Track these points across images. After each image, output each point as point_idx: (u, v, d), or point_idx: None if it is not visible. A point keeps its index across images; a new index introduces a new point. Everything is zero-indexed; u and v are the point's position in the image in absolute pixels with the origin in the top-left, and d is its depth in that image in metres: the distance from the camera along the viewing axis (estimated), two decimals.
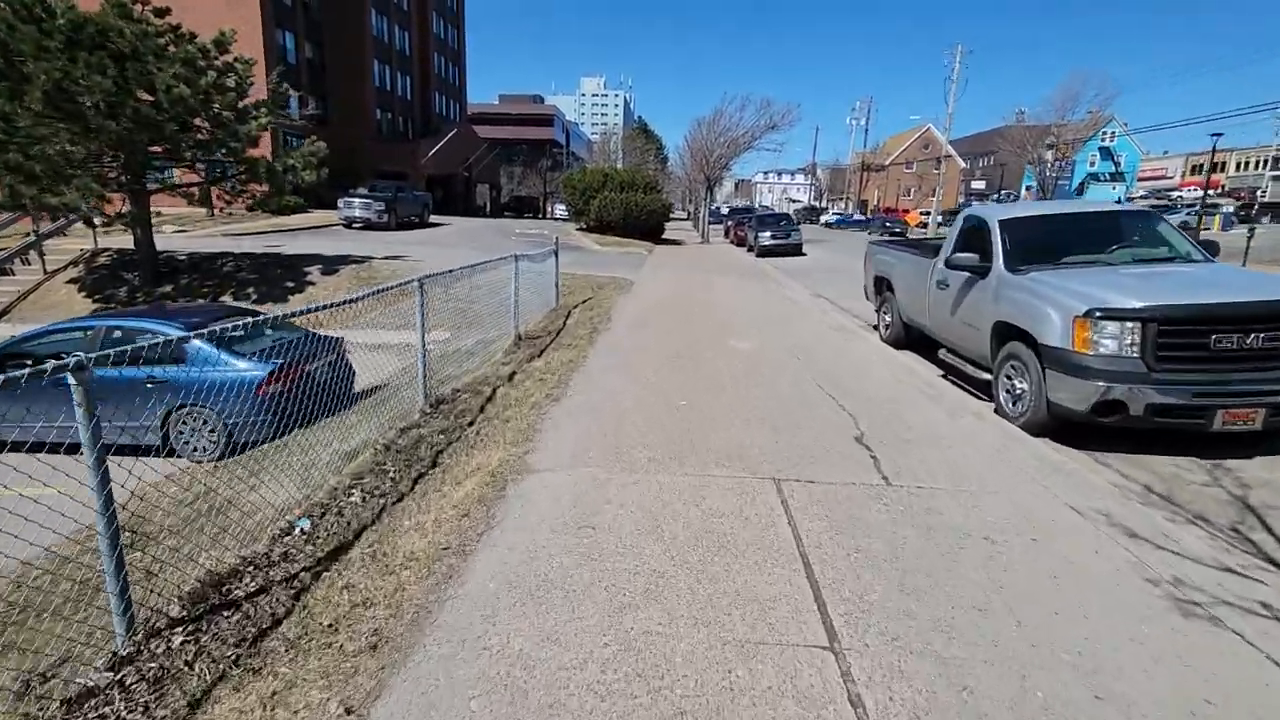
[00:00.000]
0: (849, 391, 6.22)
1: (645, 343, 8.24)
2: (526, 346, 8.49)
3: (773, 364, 7.26)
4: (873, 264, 9.67)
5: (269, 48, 31.99)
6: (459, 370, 8.08)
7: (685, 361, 7.26)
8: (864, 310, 12.30)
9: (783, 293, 14.08)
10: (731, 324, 9.80)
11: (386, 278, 14.37)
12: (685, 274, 17.23)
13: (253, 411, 6.68)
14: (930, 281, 7.49)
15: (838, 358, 7.76)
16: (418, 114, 47.11)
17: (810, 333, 9.36)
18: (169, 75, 11.58)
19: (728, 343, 8.35)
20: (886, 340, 9.03)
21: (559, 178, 34.31)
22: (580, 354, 7.55)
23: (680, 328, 9.34)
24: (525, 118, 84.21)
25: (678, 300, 12.23)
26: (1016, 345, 5.63)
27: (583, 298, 12.59)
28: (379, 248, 19.69)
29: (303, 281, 13.97)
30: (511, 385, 6.37)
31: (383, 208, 26.70)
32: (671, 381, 6.38)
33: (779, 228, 26.00)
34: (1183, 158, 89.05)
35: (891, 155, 72.42)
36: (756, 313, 11.03)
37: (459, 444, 4.88)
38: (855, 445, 4.78)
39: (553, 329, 9.61)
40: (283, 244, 20.07)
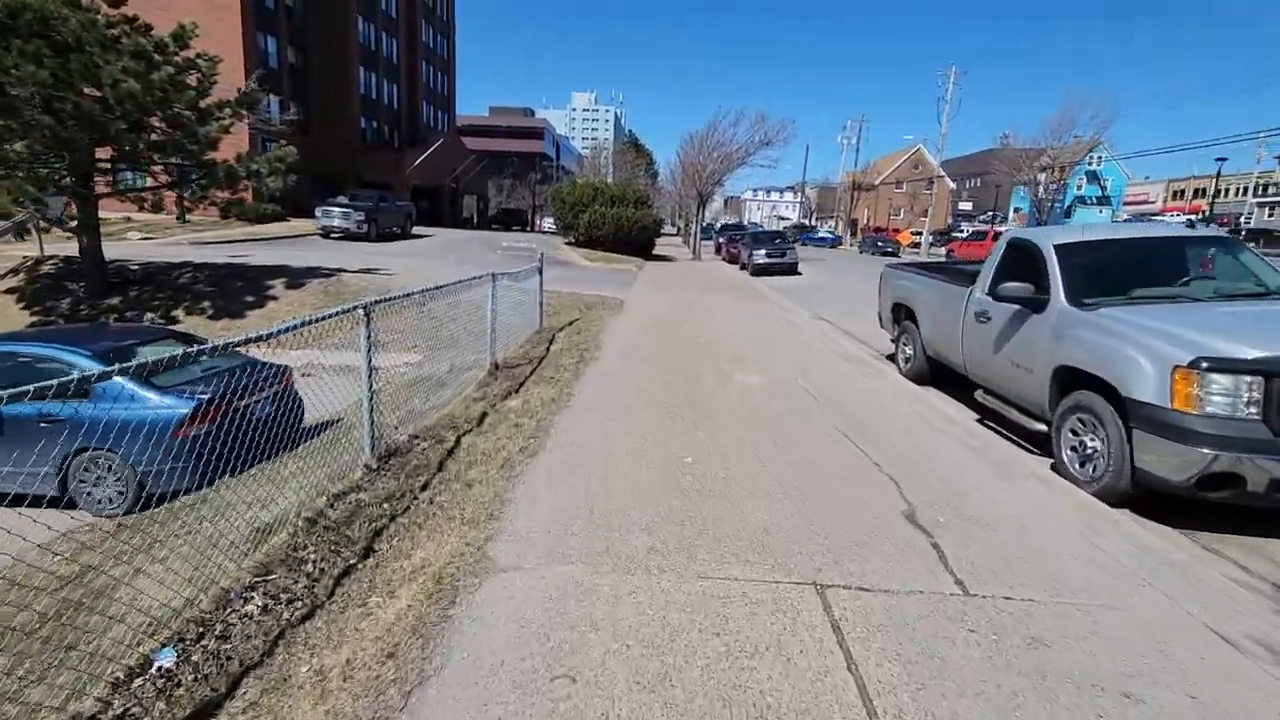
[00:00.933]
0: (880, 442, 5.25)
1: (639, 376, 7.23)
2: (504, 378, 7.45)
3: (786, 404, 6.27)
4: (890, 290, 8.75)
5: (249, 51, 30.98)
6: (425, 405, 7.05)
7: (686, 401, 6.26)
8: (870, 334, 11.40)
9: (783, 315, 13.16)
10: (734, 352, 8.82)
11: (356, 293, 13.29)
12: (679, 293, 16.29)
13: (169, 457, 5.59)
14: (965, 313, 6.56)
15: (857, 396, 6.80)
16: (405, 123, 46.16)
17: (821, 364, 8.40)
18: (116, 69, 10.51)
19: (733, 376, 7.37)
20: (907, 374, 8.09)
21: (548, 191, 33.44)
22: (564, 390, 6.52)
23: (678, 356, 8.35)
24: (515, 130, 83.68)
25: (673, 323, 11.25)
26: (1088, 396, 4.69)
27: (569, 319, 11.58)
28: (355, 259, 18.61)
29: (264, 296, 12.86)
30: (480, 432, 5.33)
31: (362, 218, 25.62)
32: (672, 429, 5.37)
33: (774, 246, 25.22)
34: (1164, 183, 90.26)
35: (882, 175, 72.41)
36: (759, 338, 10.07)
37: (405, 519, 3.83)
38: (908, 526, 3.79)
39: (535, 356, 8.58)
40: (252, 254, 18.93)
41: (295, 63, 35.68)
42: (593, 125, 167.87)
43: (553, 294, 13.90)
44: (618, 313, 12.14)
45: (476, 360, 8.46)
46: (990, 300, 6.14)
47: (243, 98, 13.55)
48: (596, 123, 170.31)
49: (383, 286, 13.92)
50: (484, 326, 8.66)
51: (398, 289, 14.02)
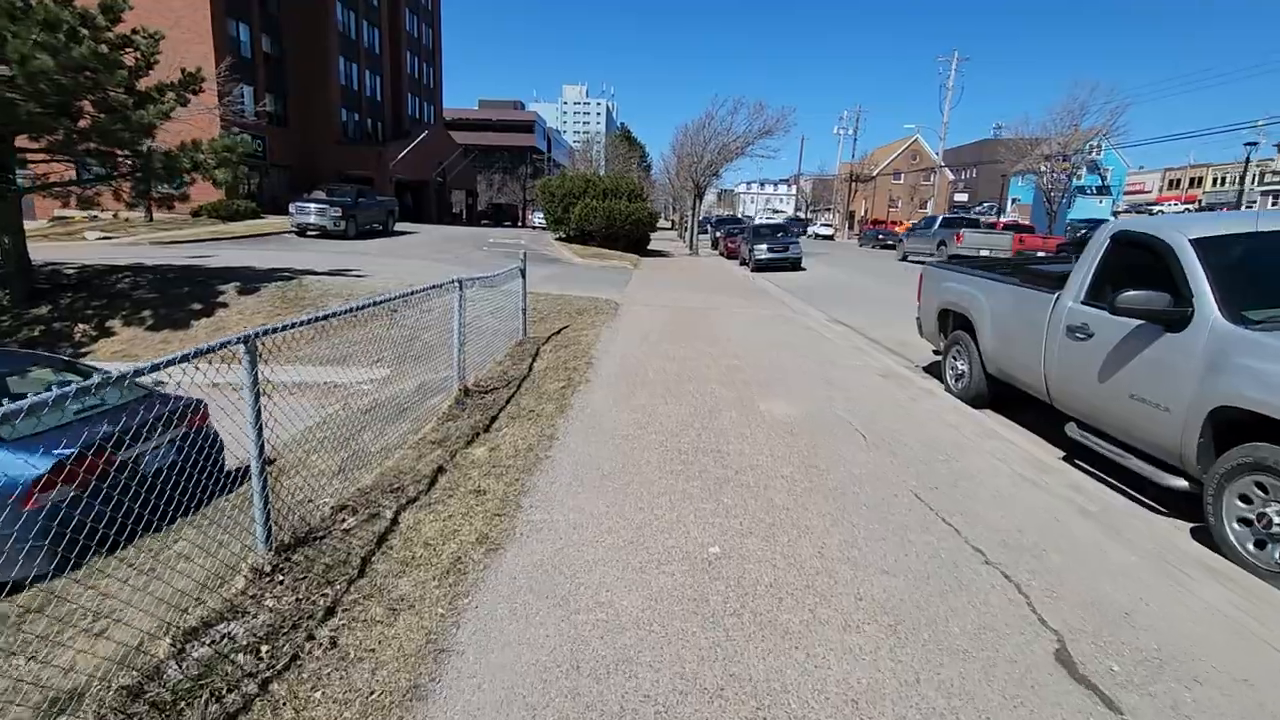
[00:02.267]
0: (970, 511, 3.88)
1: (639, 409, 5.84)
2: (473, 408, 6.05)
3: (832, 451, 4.89)
4: (936, 293, 7.38)
5: (219, 38, 29.33)
6: (377, 444, 5.67)
7: (702, 446, 4.87)
8: (898, 340, 10.04)
9: (797, 319, 11.78)
10: (752, 369, 7.44)
11: (317, 298, 11.86)
12: (679, 294, 14.89)
13: (13, 534, 4.17)
14: (1049, 326, 5.20)
15: (913, 431, 5.43)
16: (389, 116, 44.48)
17: (855, 383, 7.03)
18: (26, 43, 9.01)
19: (756, 405, 5.98)
20: (961, 395, 6.74)
21: (539, 185, 31.95)
22: (546, 431, 5.12)
23: (685, 377, 6.96)
24: (505, 124, 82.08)
25: (676, 332, 9.86)
26: (1273, 452, 3.34)
27: (557, 326, 10.17)
28: (326, 259, 17.15)
29: (213, 303, 11.39)
30: (429, 503, 3.91)
31: (339, 214, 24.08)
32: (688, 497, 3.98)
33: (776, 240, 23.81)
34: (1159, 172, 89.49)
35: (879, 166, 71.05)
36: (777, 351, 8.69)
37: (283, 685, 2.42)
38: (1069, 682, 2.42)
39: (514, 376, 7.18)
40: (215, 254, 17.46)
41: (271, 52, 33.98)
42: (584, 118, 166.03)
43: (540, 296, 12.48)
44: (612, 318, 10.74)
45: (448, 379, 7.08)
46: (1092, 312, 4.78)
47: (187, 79, 12.03)
48: (589, 116, 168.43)
49: (350, 288, 12.48)
50: (456, 341, 7.29)
51: (365, 293, 12.58)
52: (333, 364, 10.92)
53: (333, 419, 7.76)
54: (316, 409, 7.79)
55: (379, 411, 6.99)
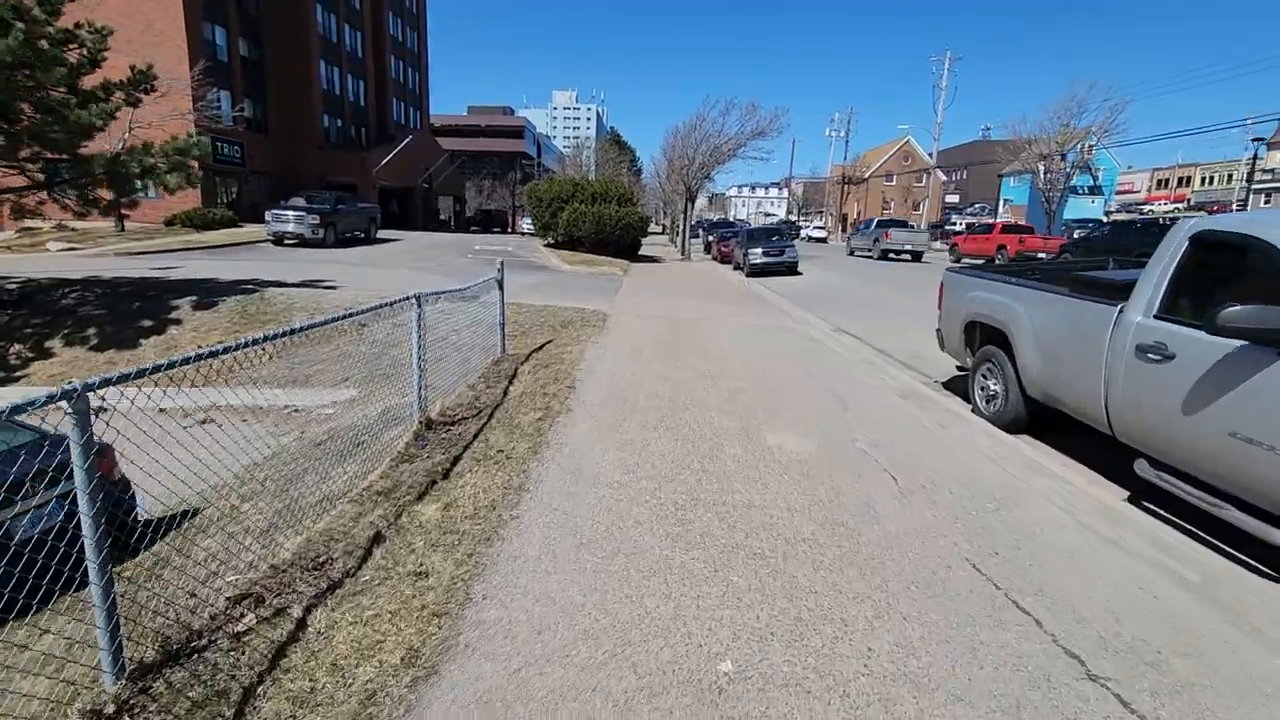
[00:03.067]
0: (1049, 588, 3.05)
1: (628, 444, 4.98)
2: (435, 446, 5.17)
3: (859, 499, 4.05)
4: (961, 303, 6.56)
5: (193, 42, 28.38)
6: (320, 491, 4.79)
7: (703, 499, 4.01)
8: (911, 351, 9.23)
9: (799, 329, 10.96)
10: (755, 392, 6.60)
11: (280, 312, 10.95)
12: (671, 302, 14.05)
13: None
14: (1112, 344, 4.38)
15: (951, 470, 4.59)
16: (373, 121, 43.56)
17: (873, 406, 6.20)
18: None
19: (764, 438, 5.13)
20: (994, 420, 5.92)
21: (526, 189, 31.11)
22: (515, 478, 4.25)
23: (681, 404, 6.11)
24: (495, 129, 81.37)
25: (669, 346, 9.01)
26: None
27: (539, 341, 9.31)
28: (300, 269, 16.22)
29: (165, 320, 10.47)
30: (352, 595, 3.03)
31: (317, 221, 23.16)
32: (688, 579, 3.12)
33: (772, 244, 23.04)
34: (1148, 172, 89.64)
35: (871, 168, 70.60)
36: (782, 367, 7.85)
37: None
38: None
39: (486, 404, 6.31)
40: (182, 265, 16.50)
41: (249, 56, 33.02)
42: (575, 124, 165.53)
43: (522, 308, 11.62)
44: (599, 332, 9.88)
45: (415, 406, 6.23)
46: (1171, 328, 3.96)
47: (137, 77, 11.12)
48: (579, 121, 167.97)
49: (316, 303, 11.58)
50: (433, 356, 6.44)
51: (334, 306, 11.64)
52: (294, 385, 10.04)
53: (284, 453, 6.89)
54: (271, 438, 6.92)
55: (332, 445, 6.13)
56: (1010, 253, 27.54)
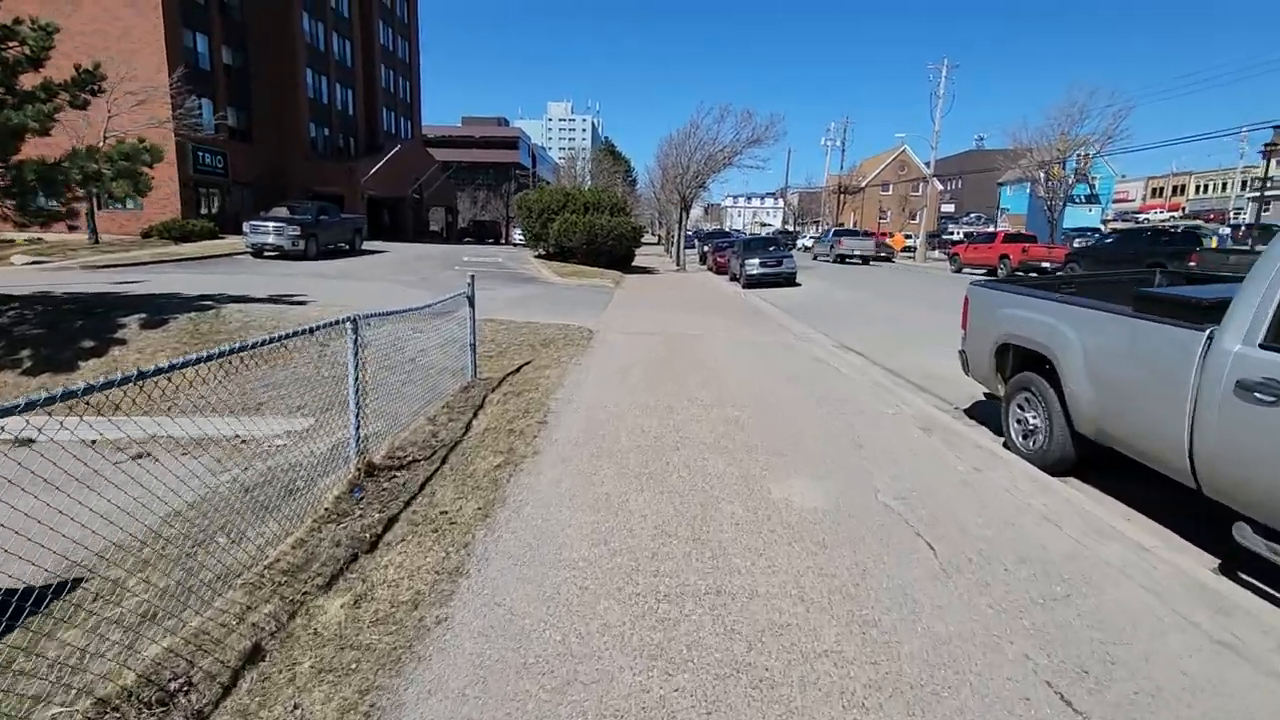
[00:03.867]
0: None
1: (602, 503, 4.10)
2: (372, 500, 4.28)
3: (891, 583, 3.17)
4: (993, 322, 5.70)
5: (173, 48, 27.60)
6: (226, 560, 3.90)
7: (692, 588, 3.13)
8: (922, 370, 8.36)
9: (801, 346, 10.11)
10: (757, 426, 5.72)
11: (236, 330, 10.06)
12: (664, 317, 13.19)
13: None
14: (1206, 378, 3.52)
15: (998, 530, 3.72)
16: (362, 130, 42.82)
17: (892, 443, 5.33)
18: None
19: (768, 490, 4.25)
20: (1035, 459, 5.05)
21: (516, 200, 30.34)
22: (452, 557, 3.36)
23: (670, 443, 5.23)
24: (489, 140, 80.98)
25: (659, 368, 8.15)
26: None
27: (517, 363, 8.44)
28: (272, 283, 15.34)
29: (109, 340, 9.55)
30: None
31: (298, 232, 22.30)
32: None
33: (769, 255, 22.24)
34: (1143, 181, 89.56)
35: (868, 177, 70.15)
36: (785, 393, 6.99)
37: None
38: None
39: (443, 442, 5.42)
40: (145, 280, 15.61)
41: (232, 64, 32.26)
42: (570, 135, 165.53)
43: (500, 325, 10.76)
44: (583, 351, 9.01)
45: (370, 436, 5.35)
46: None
47: (82, 76, 10.26)
48: (574, 132, 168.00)
49: (277, 320, 10.68)
50: (398, 379, 5.61)
51: (292, 324, 10.76)
52: (246, 412, 9.11)
53: (211, 499, 5.99)
54: (210, 475, 6.00)
55: (263, 493, 5.24)
56: (1013, 262, 26.82)
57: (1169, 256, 19.10)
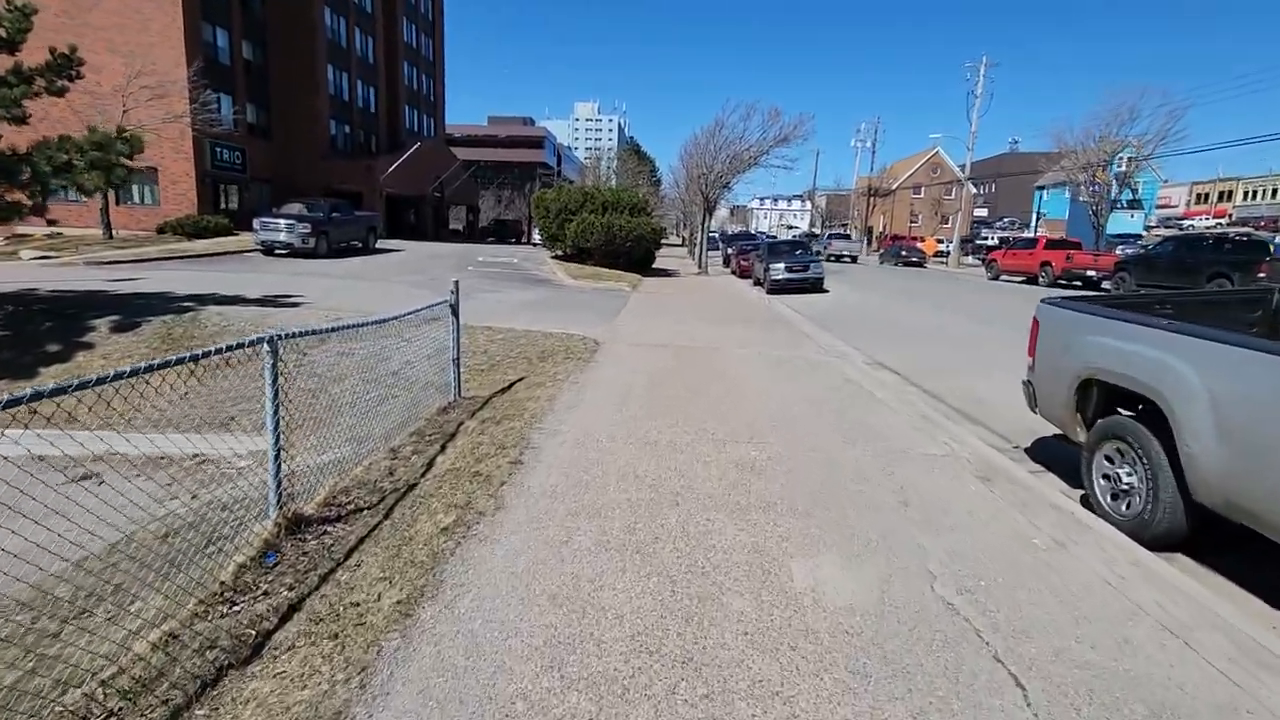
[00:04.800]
0: None
1: (568, 590, 3.13)
2: (286, 569, 3.37)
3: None
4: (1073, 350, 4.60)
5: (191, 43, 27.31)
6: (54, 675, 3.02)
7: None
8: (964, 390, 7.21)
9: (829, 362, 9.05)
10: (777, 473, 4.71)
11: (211, 335, 9.29)
12: (679, 325, 12.20)
13: None
14: None
15: (1110, 652, 2.67)
16: (384, 128, 42.46)
17: (949, 502, 4.28)
18: None
19: (789, 574, 3.24)
20: (1133, 530, 3.96)
21: (534, 198, 29.57)
22: (337, 693, 2.40)
23: (667, 496, 4.25)
24: (515, 140, 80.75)
25: (666, 390, 7.17)
26: None
27: (509, 378, 7.53)
28: (271, 283, 14.68)
29: (77, 343, 8.86)
30: None
31: (308, 230, 21.73)
32: None
33: (795, 259, 21.10)
34: (1186, 186, 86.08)
35: (898, 179, 68.22)
36: (809, 422, 5.96)
37: None
38: None
39: (394, 485, 4.49)
40: (144, 277, 15.06)
41: (253, 59, 31.98)
42: (596, 135, 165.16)
43: (500, 334, 9.86)
44: (584, 367, 8.06)
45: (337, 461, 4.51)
46: None
47: (58, 61, 9.58)
48: (600, 132, 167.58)
49: (259, 323, 9.90)
50: (377, 396, 4.77)
51: (273, 330, 9.98)
52: (212, 428, 8.32)
53: (126, 546, 5.16)
54: (155, 503, 5.15)
55: (185, 539, 4.38)
56: (1055, 270, 25.30)
57: (1232, 266, 17.56)
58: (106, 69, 26.69)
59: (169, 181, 28.16)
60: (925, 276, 31.31)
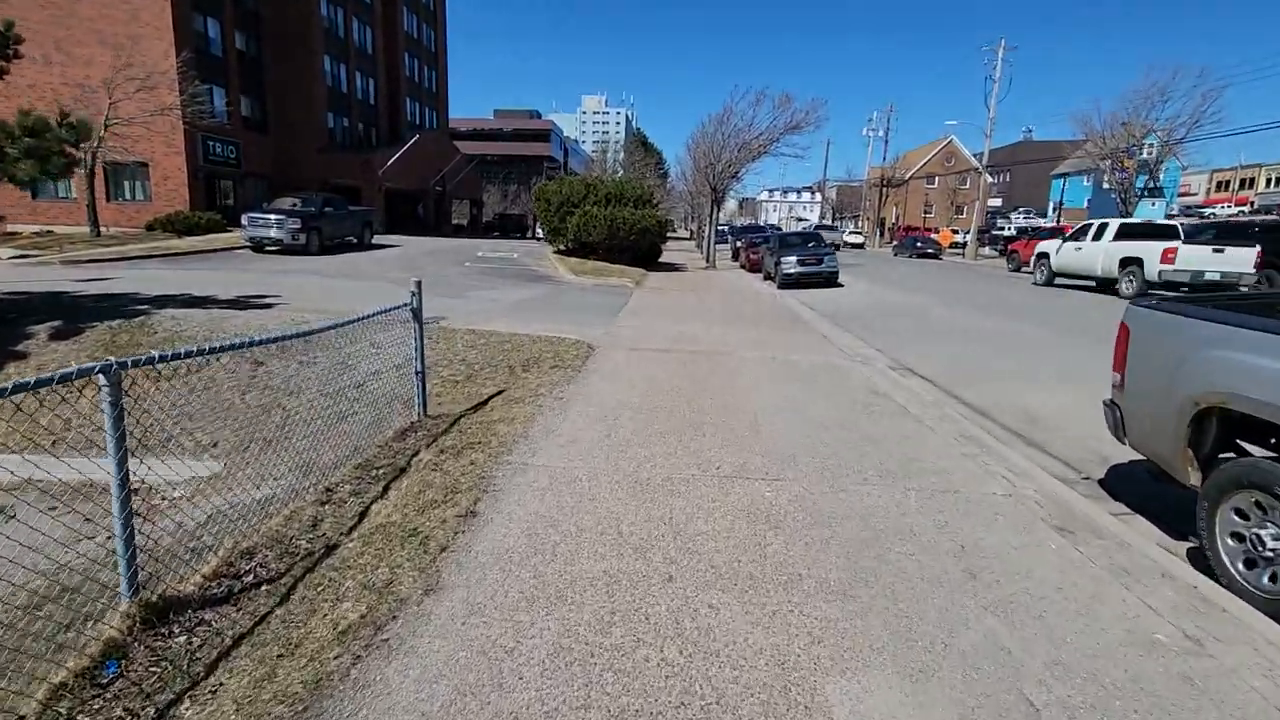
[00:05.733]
0: None
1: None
2: (119, 697, 2.40)
3: None
4: (1185, 368, 3.54)
5: (182, 33, 26.46)
6: None
7: None
8: (1010, 404, 6.08)
9: (850, 367, 8.01)
10: (799, 524, 3.70)
11: (159, 342, 8.35)
12: (683, 326, 11.18)
13: None
14: None
15: None
16: (384, 121, 41.55)
17: (1026, 572, 3.25)
18: None
19: (822, 705, 2.24)
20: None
21: (535, 191, 28.55)
22: None
23: (657, 567, 3.26)
24: (521, 133, 79.76)
25: (663, 409, 6.16)
26: None
27: (485, 392, 6.54)
28: (252, 282, 13.80)
29: (9, 352, 7.94)
30: None
31: (298, 226, 20.86)
32: None
33: (808, 251, 20.00)
34: (1206, 174, 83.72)
35: (911, 170, 66.65)
36: (833, 448, 4.93)
37: None
38: None
39: (310, 548, 3.51)
40: (116, 277, 14.21)
41: (246, 50, 31.10)
42: (603, 128, 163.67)
43: (483, 337, 8.89)
44: (574, 377, 7.07)
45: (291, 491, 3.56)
46: None
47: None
48: (607, 126, 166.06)
49: (215, 328, 8.96)
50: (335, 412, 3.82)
51: (234, 332, 9.07)
52: (149, 449, 7.40)
53: None
54: (63, 547, 4.24)
55: (50, 611, 3.47)
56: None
57: None
58: (96, 61, 25.92)
59: (160, 177, 27.37)
60: (942, 269, 30.08)
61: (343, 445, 5.44)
